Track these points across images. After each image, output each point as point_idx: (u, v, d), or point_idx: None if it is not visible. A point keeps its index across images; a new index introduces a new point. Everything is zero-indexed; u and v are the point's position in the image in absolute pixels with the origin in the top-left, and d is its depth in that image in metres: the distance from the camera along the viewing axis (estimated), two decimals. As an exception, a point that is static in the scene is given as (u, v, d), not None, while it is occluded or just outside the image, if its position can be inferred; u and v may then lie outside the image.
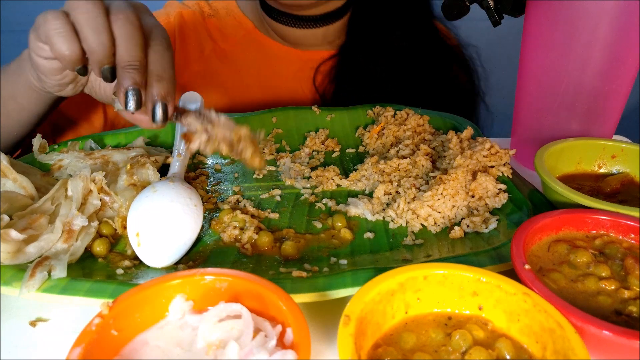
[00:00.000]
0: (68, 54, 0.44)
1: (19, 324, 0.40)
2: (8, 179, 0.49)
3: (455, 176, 0.51)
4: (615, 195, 0.51)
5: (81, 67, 0.46)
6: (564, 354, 0.30)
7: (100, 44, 0.43)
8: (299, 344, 0.29)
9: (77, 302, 0.38)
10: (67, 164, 0.57)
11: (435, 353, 0.32)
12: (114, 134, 0.65)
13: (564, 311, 0.32)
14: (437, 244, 0.48)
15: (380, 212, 0.53)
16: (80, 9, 0.43)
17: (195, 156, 0.64)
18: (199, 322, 0.33)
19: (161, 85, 0.44)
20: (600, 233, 0.42)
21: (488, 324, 0.34)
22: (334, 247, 0.48)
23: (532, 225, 0.40)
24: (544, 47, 0.58)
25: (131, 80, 0.43)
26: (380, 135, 0.66)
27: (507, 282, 0.34)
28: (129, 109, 0.43)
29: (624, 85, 0.58)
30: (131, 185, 0.51)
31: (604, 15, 0.53)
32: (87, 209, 0.48)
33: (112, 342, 0.32)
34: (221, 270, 0.35)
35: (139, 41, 0.45)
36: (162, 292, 0.34)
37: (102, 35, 0.43)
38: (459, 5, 0.64)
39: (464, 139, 0.58)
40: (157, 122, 0.44)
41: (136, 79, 0.43)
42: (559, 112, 0.60)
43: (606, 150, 0.56)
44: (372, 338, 0.33)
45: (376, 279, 0.34)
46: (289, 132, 0.69)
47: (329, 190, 0.58)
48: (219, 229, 0.50)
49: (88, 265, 0.44)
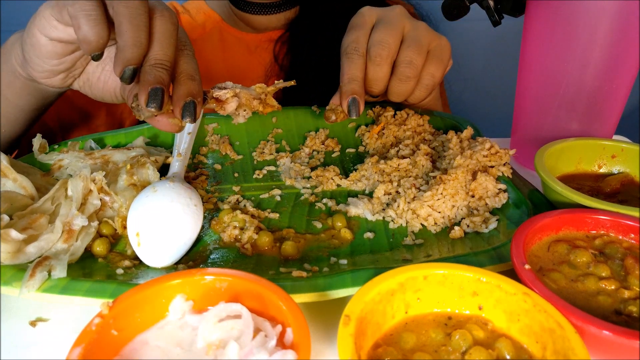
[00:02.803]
0: (95, 40, 0.42)
1: (19, 324, 0.40)
2: (8, 179, 0.49)
3: (455, 176, 0.51)
4: (615, 195, 0.51)
5: (99, 54, 0.43)
6: (564, 354, 0.30)
7: (137, 42, 0.42)
8: (299, 344, 0.29)
9: (77, 302, 0.38)
10: (67, 164, 0.57)
11: (435, 353, 0.32)
12: (114, 134, 0.65)
13: (564, 311, 0.32)
14: (437, 244, 0.48)
15: (380, 212, 0.53)
16: (125, 2, 0.41)
17: (195, 156, 0.64)
18: (199, 322, 0.33)
19: (192, 84, 0.44)
20: (600, 233, 0.42)
21: (488, 324, 0.34)
22: (334, 247, 0.48)
23: (532, 225, 0.40)
24: (544, 47, 0.58)
25: (158, 78, 0.42)
26: (380, 135, 0.66)
27: (507, 282, 0.34)
28: (150, 108, 0.41)
29: (624, 85, 0.58)
30: (131, 185, 0.51)
31: (604, 15, 0.53)
32: (87, 209, 0.48)
33: (112, 342, 0.32)
34: (221, 270, 0.35)
35: (175, 43, 0.44)
36: (162, 292, 0.34)
37: (141, 33, 0.42)
38: (459, 5, 0.64)
39: (464, 139, 0.58)
40: (187, 121, 0.43)
41: (164, 78, 0.42)
42: (559, 112, 0.60)
43: (606, 150, 0.55)
44: (372, 338, 0.33)
45: (376, 279, 0.34)
46: (289, 132, 0.69)
47: (329, 190, 0.58)
48: (219, 229, 0.50)
49: (88, 265, 0.44)
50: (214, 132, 0.67)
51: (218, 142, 0.66)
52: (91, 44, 0.42)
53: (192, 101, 0.43)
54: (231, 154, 0.65)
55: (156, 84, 0.41)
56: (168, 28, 0.43)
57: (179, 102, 0.43)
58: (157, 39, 0.43)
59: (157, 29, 0.43)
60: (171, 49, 0.43)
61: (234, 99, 0.46)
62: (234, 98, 0.46)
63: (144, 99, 0.41)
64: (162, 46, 0.43)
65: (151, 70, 0.42)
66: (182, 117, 0.43)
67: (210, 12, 0.93)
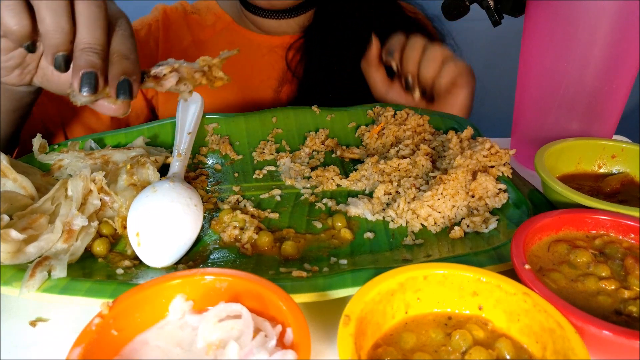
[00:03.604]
0: (17, 29, 0.42)
1: (19, 324, 0.40)
2: (8, 179, 0.49)
3: (455, 176, 0.51)
4: (615, 195, 0.51)
5: (30, 44, 0.43)
6: (564, 354, 0.30)
7: (58, 27, 0.41)
8: (299, 344, 0.29)
9: (77, 302, 0.38)
10: (67, 164, 0.57)
11: (435, 353, 0.32)
12: (114, 134, 0.65)
13: (564, 311, 0.32)
14: (437, 244, 0.48)
15: (380, 212, 0.53)
16: None
17: (195, 156, 0.64)
18: (199, 322, 0.33)
19: (126, 63, 0.43)
20: (600, 233, 0.42)
21: (488, 324, 0.34)
22: (334, 247, 0.48)
23: (532, 225, 0.40)
24: (544, 47, 0.58)
25: (89, 62, 0.41)
26: (380, 135, 0.66)
27: (507, 282, 0.34)
28: (83, 93, 0.41)
29: (624, 85, 0.58)
30: (131, 185, 0.51)
31: (604, 15, 0.53)
32: (87, 209, 0.48)
33: (112, 342, 0.32)
34: (221, 270, 0.35)
35: (103, 25, 0.43)
36: (162, 292, 0.34)
37: (61, 18, 0.41)
38: (459, 5, 0.64)
39: (464, 139, 0.58)
40: (123, 99, 0.42)
41: (94, 61, 0.42)
42: (559, 112, 0.60)
43: (606, 150, 0.55)
44: (372, 338, 0.33)
45: (376, 279, 0.34)
46: (289, 132, 0.69)
47: (329, 190, 0.58)
48: (219, 229, 0.50)
49: (88, 265, 0.44)
50: (214, 132, 0.67)
51: (218, 142, 0.66)
52: (14, 33, 0.42)
53: (125, 79, 0.42)
54: (231, 154, 0.65)
55: (87, 68, 0.41)
56: (93, 10, 0.43)
57: (114, 82, 0.42)
58: (83, 23, 0.42)
59: (81, 13, 0.42)
60: (99, 32, 0.43)
61: (172, 74, 0.45)
62: (173, 73, 0.45)
63: (77, 84, 0.41)
64: (89, 30, 0.42)
65: (81, 55, 0.42)
66: (117, 96, 0.42)
67: (220, 13, 0.92)
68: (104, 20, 0.43)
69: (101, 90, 0.42)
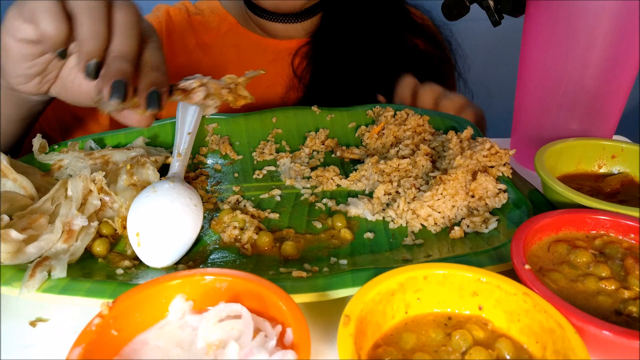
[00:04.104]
0: (54, 34, 0.41)
1: (19, 324, 0.40)
2: (8, 179, 0.49)
3: (455, 176, 0.51)
4: (615, 195, 0.51)
5: (62, 50, 0.43)
6: (564, 354, 0.30)
7: (97, 33, 0.41)
8: (299, 344, 0.29)
9: (77, 302, 0.38)
10: (67, 164, 0.57)
11: (435, 353, 0.32)
12: (114, 134, 0.65)
13: (564, 311, 0.32)
14: (437, 244, 0.48)
15: (380, 212, 0.53)
16: None
17: (195, 156, 0.64)
18: (199, 322, 0.33)
19: (156, 74, 0.43)
20: (600, 233, 0.42)
21: (488, 324, 0.34)
22: (334, 247, 0.48)
23: (532, 225, 0.40)
24: (544, 47, 0.58)
25: (121, 70, 0.41)
26: (380, 135, 0.66)
27: (507, 282, 0.34)
28: (112, 100, 0.41)
29: (624, 85, 0.58)
30: (131, 185, 0.51)
31: (603, 15, 0.53)
32: (87, 209, 0.48)
33: (112, 342, 0.32)
34: (221, 270, 0.35)
35: (138, 35, 0.43)
36: (162, 292, 0.34)
37: (100, 25, 0.41)
38: (459, 5, 0.64)
39: (464, 139, 0.58)
40: (151, 110, 0.43)
41: (126, 70, 0.42)
42: (559, 112, 0.60)
43: (606, 150, 0.55)
44: (372, 338, 0.33)
45: (376, 279, 0.34)
46: (289, 132, 0.69)
47: (329, 190, 0.58)
48: (219, 229, 0.50)
49: (88, 265, 0.44)
50: (214, 132, 0.67)
51: (218, 142, 0.66)
52: (51, 39, 0.42)
53: (155, 91, 0.42)
54: (231, 154, 0.65)
55: (118, 77, 0.41)
56: (129, 20, 0.43)
57: (143, 93, 0.42)
58: (118, 31, 0.42)
59: (118, 22, 0.42)
60: (133, 41, 0.43)
61: (200, 88, 0.46)
62: (201, 88, 0.46)
63: (106, 92, 0.41)
64: (124, 38, 0.42)
65: (113, 63, 0.41)
66: (147, 107, 0.42)
67: (225, 14, 0.90)
68: (138, 31, 0.43)
69: (129, 100, 0.42)
